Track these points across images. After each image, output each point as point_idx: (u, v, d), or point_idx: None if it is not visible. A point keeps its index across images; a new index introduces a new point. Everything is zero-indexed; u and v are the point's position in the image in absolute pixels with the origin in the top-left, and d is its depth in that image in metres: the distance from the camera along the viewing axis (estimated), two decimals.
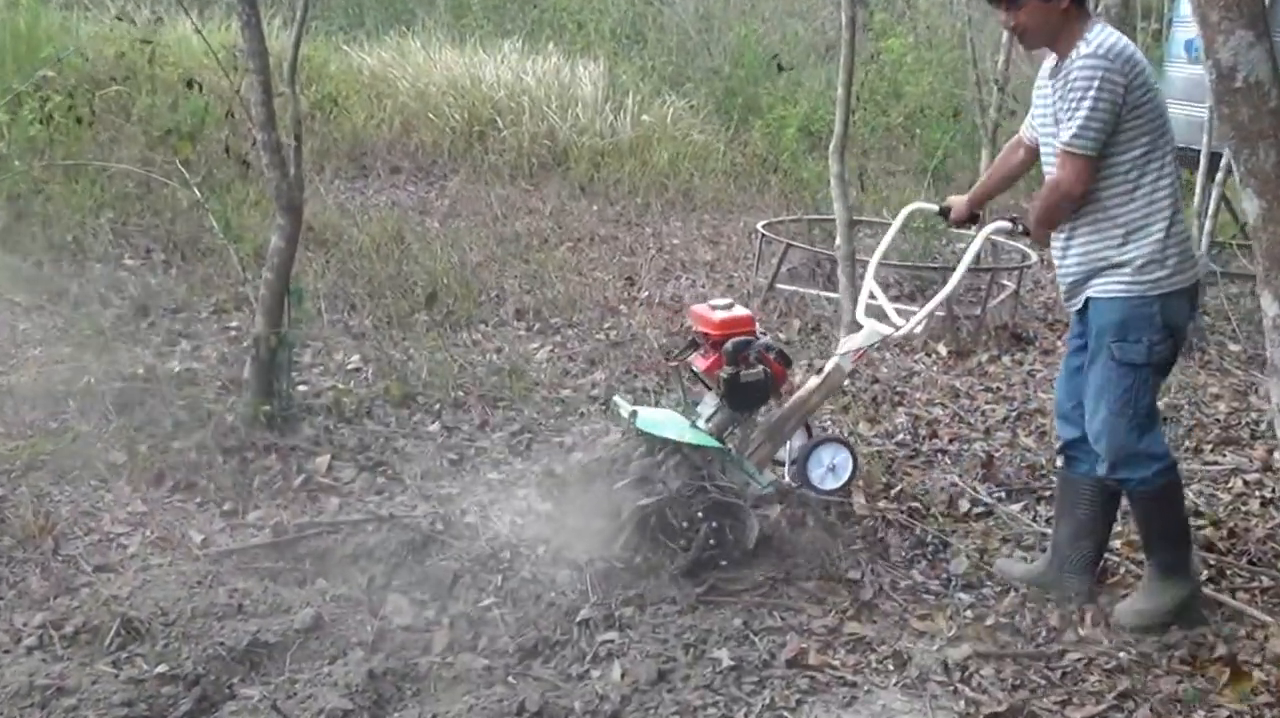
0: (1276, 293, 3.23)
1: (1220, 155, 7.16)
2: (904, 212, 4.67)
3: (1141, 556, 4.39)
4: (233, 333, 6.40)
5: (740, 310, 4.35)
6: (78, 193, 8.05)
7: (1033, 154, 4.11)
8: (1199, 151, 7.53)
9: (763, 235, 8.56)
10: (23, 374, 5.32)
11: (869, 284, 4.58)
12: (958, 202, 4.45)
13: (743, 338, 4.23)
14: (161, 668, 3.36)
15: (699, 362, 4.38)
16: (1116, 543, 4.50)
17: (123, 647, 3.47)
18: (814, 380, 4.54)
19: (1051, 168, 3.85)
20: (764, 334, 4.38)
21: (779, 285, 8.08)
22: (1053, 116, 3.79)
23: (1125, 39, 3.69)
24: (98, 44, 10.23)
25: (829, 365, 4.49)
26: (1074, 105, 3.64)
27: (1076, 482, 4.11)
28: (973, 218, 4.43)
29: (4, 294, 6.49)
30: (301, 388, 5.55)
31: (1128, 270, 3.74)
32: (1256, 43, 3.14)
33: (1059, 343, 7.16)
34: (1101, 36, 3.65)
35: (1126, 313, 3.76)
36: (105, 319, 6.27)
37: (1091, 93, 3.60)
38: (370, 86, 12.80)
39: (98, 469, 4.61)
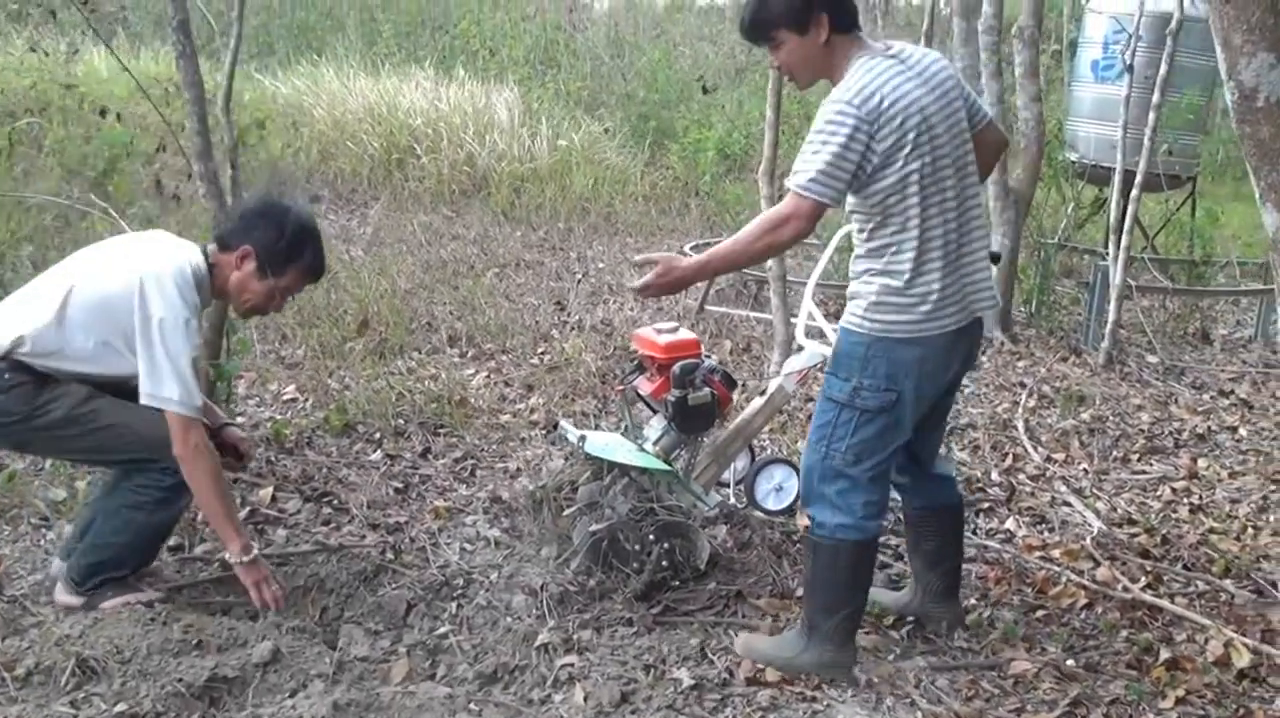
0: None
1: (1134, 173, 7.37)
2: (838, 234, 4.76)
3: (1085, 566, 4.52)
4: None
5: (686, 334, 4.39)
6: None
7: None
8: (1111, 169, 7.74)
9: None
10: None
11: (807, 305, 4.65)
12: None
13: (689, 361, 4.28)
14: (120, 707, 3.30)
15: (645, 385, 4.41)
16: (1056, 553, 4.63)
17: (79, 687, 3.40)
18: (758, 402, 4.60)
19: None
20: (709, 357, 4.43)
21: (708, 307, 8.17)
22: None
23: (885, 77, 3.31)
24: (8, 76, 10.07)
25: (772, 387, 4.56)
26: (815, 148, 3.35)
27: (912, 517, 4.04)
28: None
29: None
30: (239, 420, 5.49)
31: (861, 303, 3.48)
32: (1278, 64, 3.35)
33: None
34: (859, 75, 3.32)
35: (843, 346, 3.54)
36: None
37: (836, 139, 3.30)
38: (285, 115, 12.75)
39: (38, 507, 4.52)
